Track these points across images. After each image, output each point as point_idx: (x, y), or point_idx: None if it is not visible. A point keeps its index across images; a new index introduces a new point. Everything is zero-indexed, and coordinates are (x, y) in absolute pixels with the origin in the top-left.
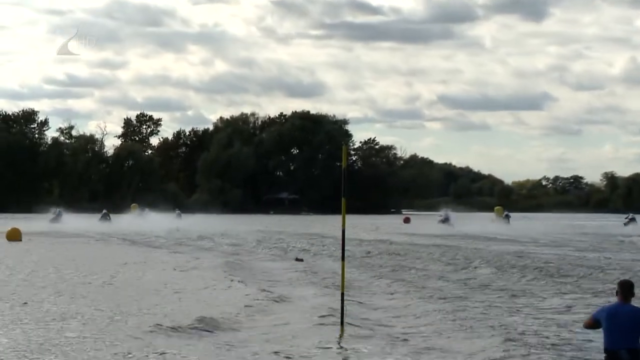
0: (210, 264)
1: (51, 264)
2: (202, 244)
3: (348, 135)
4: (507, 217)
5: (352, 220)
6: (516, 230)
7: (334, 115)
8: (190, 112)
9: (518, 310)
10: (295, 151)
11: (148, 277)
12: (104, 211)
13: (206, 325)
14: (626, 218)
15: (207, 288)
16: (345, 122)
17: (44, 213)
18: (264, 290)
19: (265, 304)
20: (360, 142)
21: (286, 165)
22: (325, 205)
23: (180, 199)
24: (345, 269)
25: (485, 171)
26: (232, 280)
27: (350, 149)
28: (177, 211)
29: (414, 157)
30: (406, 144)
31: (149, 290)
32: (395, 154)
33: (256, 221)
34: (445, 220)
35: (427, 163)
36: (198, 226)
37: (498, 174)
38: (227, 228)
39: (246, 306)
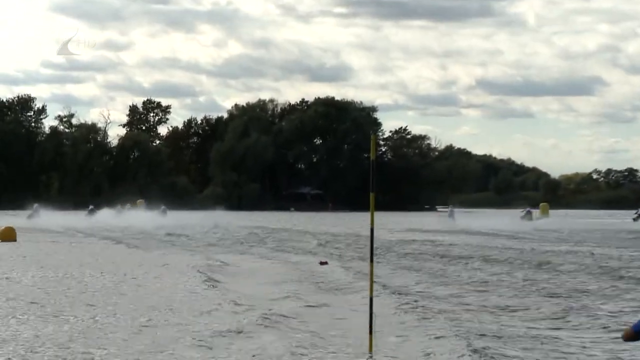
0: (191, 265)
1: (50, 269)
2: (188, 243)
3: (377, 124)
4: (529, 213)
5: (382, 217)
6: (533, 227)
7: (361, 102)
8: (202, 99)
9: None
10: (318, 141)
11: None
12: (91, 207)
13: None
14: (635, 213)
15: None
16: (373, 109)
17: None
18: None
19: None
20: (390, 131)
21: (308, 156)
22: (352, 200)
23: (191, 193)
24: (358, 273)
25: (529, 163)
26: (212, 286)
27: (380, 139)
28: (162, 207)
29: (449, 148)
30: (441, 133)
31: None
32: (429, 144)
33: (271, 218)
34: (451, 215)
35: (464, 154)
36: (190, 223)
37: (543, 166)
38: (233, 225)
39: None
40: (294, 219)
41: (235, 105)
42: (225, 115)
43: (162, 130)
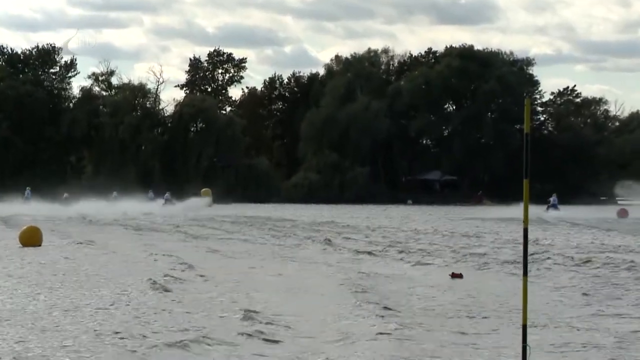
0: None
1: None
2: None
3: (532, 83)
4: None
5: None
6: None
7: (511, 52)
8: (288, 49)
9: None
10: (450, 108)
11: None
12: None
13: None
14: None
15: None
16: (527, 62)
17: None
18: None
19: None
20: (552, 93)
21: (437, 129)
22: (497, 189)
23: (274, 180)
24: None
25: None
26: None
27: (536, 104)
28: (167, 195)
29: (635, 116)
30: (623, 95)
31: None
32: (606, 110)
33: (382, 213)
34: (553, 206)
35: None
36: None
37: None
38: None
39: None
40: (414, 215)
41: (335, 57)
42: (321, 72)
43: (235, 92)
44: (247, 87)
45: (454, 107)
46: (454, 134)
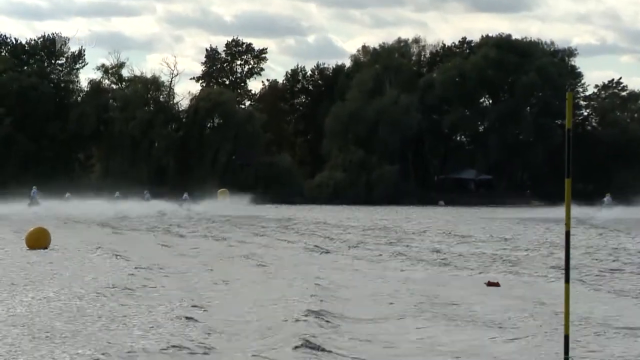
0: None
1: None
2: None
3: (575, 75)
4: None
5: (582, 213)
6: None
7: (552, 42)
8: (311, 39)
9: None
10: (486, 102)
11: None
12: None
13: None
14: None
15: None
16: (569, 52)
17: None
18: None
19: None
20: (597, 86)
21: (472, 124)
22: (538, 188)
23: (297, 179)
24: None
25: None
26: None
27: (579, 98)
28: (185, 195)
29: None
30: None
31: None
32: None
33: (407, 215)
34: (607, 206)
35: None
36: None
37: None
38: None
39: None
40: (446, 217)
41: (362, 47)
42: (347, 63)
43: (254, 85)
44: (267, 80)
45: (490, 101)
46: (490, 130)
